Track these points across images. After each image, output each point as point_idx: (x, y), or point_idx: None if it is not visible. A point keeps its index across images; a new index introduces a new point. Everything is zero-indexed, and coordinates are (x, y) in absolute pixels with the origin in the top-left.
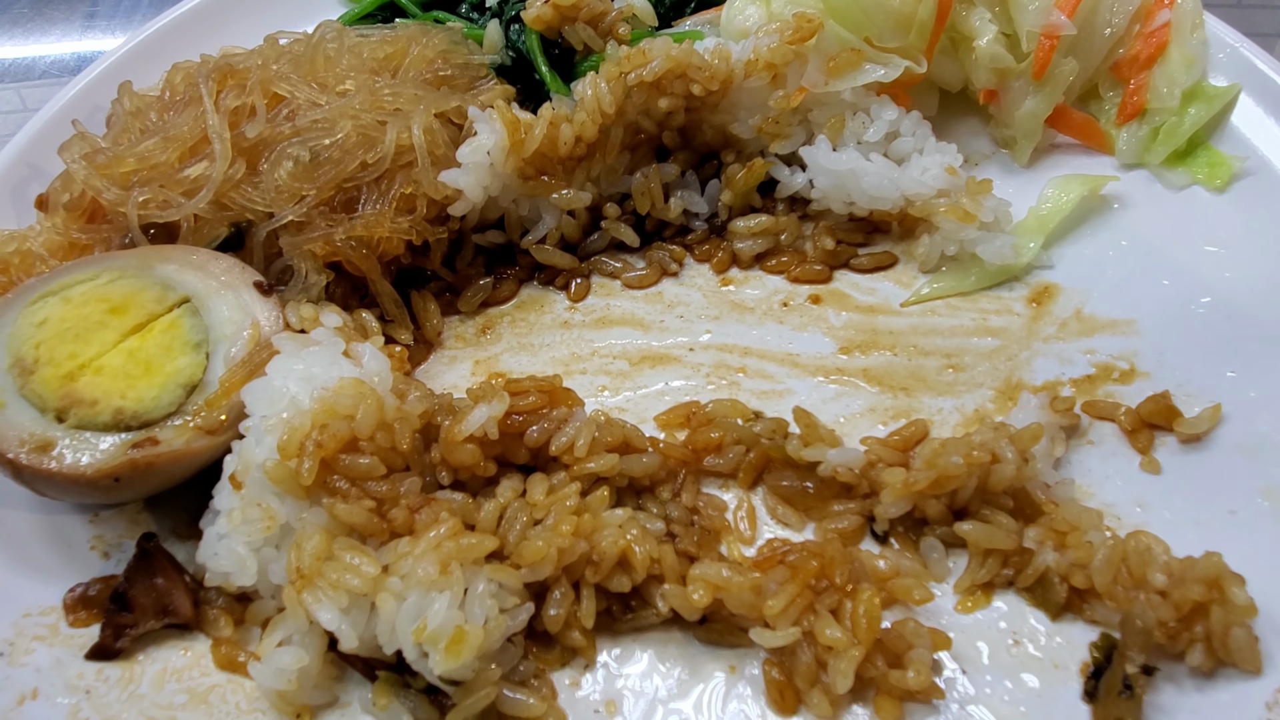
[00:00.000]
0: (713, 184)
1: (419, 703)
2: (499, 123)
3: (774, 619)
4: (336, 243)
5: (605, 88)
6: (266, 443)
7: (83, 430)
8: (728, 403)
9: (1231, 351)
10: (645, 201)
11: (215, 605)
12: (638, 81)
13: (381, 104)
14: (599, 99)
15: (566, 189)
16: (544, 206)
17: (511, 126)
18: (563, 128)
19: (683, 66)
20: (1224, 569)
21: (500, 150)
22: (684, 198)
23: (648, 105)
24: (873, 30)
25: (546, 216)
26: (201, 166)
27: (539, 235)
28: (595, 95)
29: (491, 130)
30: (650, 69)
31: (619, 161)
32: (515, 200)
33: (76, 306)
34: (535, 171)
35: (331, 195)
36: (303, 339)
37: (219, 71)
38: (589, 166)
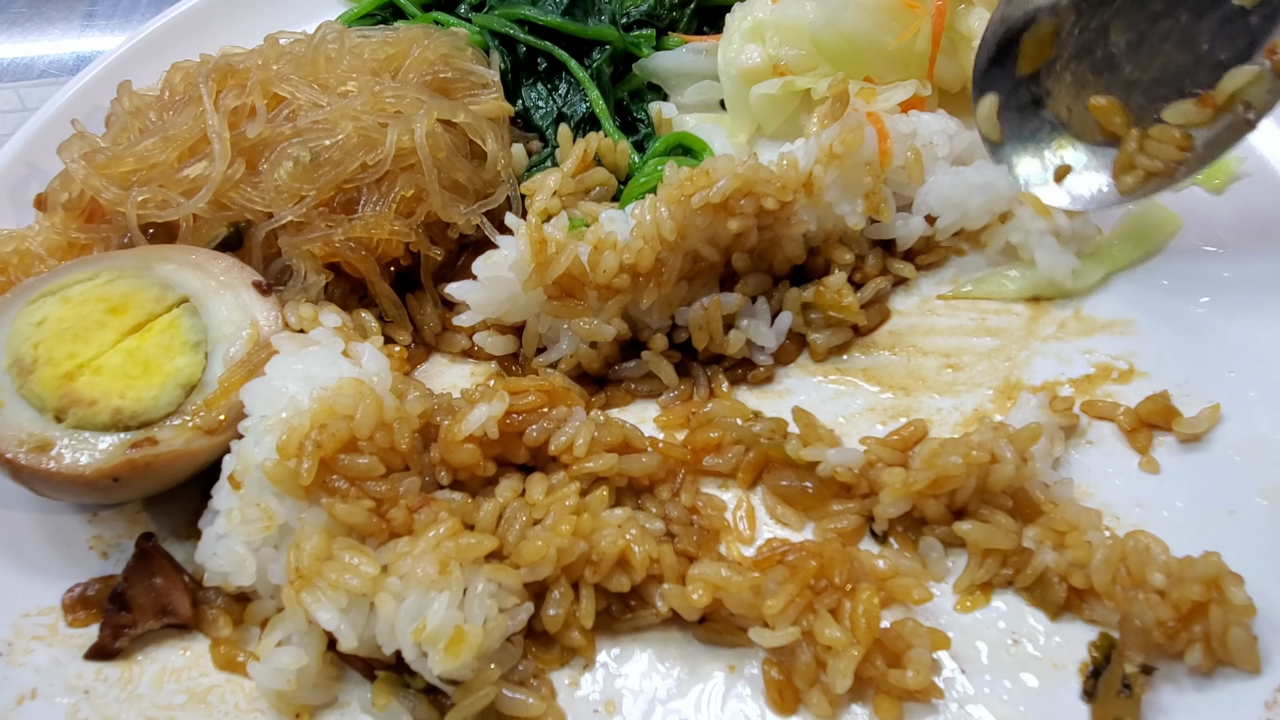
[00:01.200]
0: (784, 315)
1: (418, 702)
2: (524, 240)
3: (773, 619)
4: (336, 244)
5: (666, 212)
6: (265, 443)
7: (81, 430)
8: (727, 402)
9: (1230, 351)
10: (703, 336)
11: (214, 605)
12: (704, 204)
13: (383, 106)
14: (659, 224)
15: (593, 319)
16: (564, 329)
17: (537, 246)
18: (605, 255)
19: (751, 184)
20: (1223, 569)
21: (521, 269)
22: (749, 328)
23: (714, 229)
24: (870, 69)
25: (564, 341)
26: (201, 166)
27: (552, 359)
28: (655, 220)
29: (513, 247)
30: (718, 189)
31: (675, 293)
32: (536, 314)
33: (75, 306)
34: (561, 291)
35: (331, 196)
36: (302, 339)
37: (219, 71)
38: (626, 298)
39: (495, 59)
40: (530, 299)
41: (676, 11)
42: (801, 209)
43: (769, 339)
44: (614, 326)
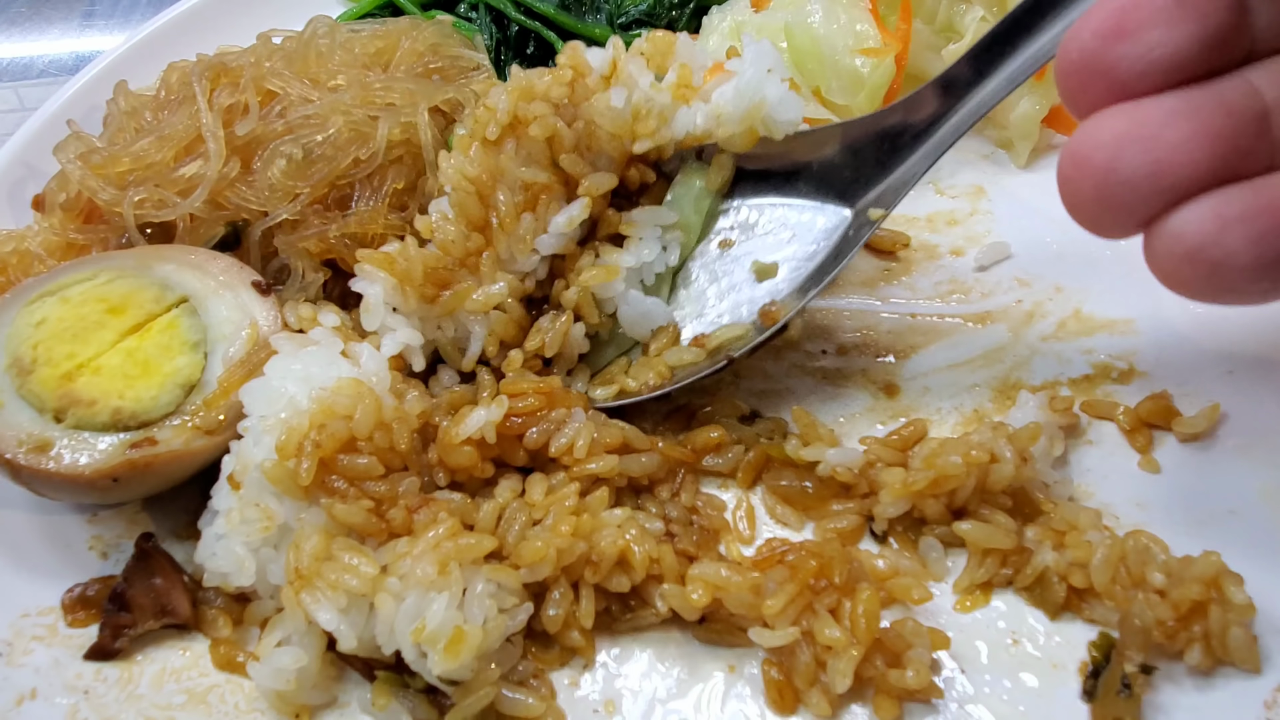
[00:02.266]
0: None
1: (418, 702)
2: (375, 271)
3: (773, 619)
4: (331, 240)
5: (468, 159)
6: (265, 443)
7: (81, 430)
8: (727, 402)
9: (1230, 351)
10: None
11: (214, 605)
12: (498, 132)
13: (373, 99)
14: (461, 170)
15: (478, 289)
16: (467, 321)
17: (386, 265)
18: (445, 228)
19: (530, 89)
20: (1222, 568)
21: (395, 293)
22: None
23: (526, 152)
24: (824, 83)
25: (475, 328)
26: (196, 165)
27: (476, 353)
28: (457, 169)
29: (371, 282)
30: (502, 110)
31: (522, 227)
32: (439, 327)
33: (75, 306)
34: (437, 290)
35: (325, 193)
36: (300, 339)
37: (212, 70)
38: (493, 254)
39: (480, 41)
40: (425, 313)
41: (675, 11)
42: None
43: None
44: (500, 279)
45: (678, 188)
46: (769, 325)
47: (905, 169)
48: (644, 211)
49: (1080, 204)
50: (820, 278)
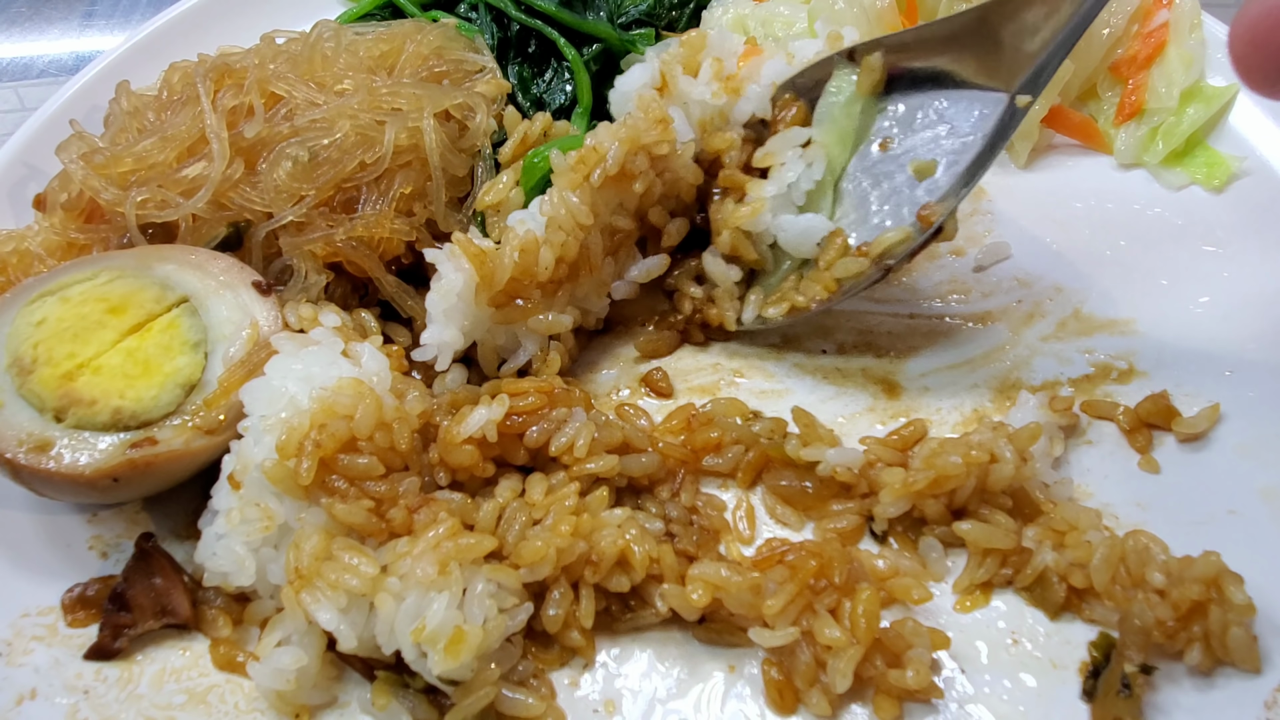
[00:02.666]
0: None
1: (418, 702)
2: (464, 259)
3: (773, 619)
4: (338, 243)
5: (574, 198)
6: (265, 442)
7: (81, 430)
8: (726, 402)
9: (1230, 351)
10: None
11: (214, 605)
12: (602, 179)
13: (379, 103)
14: (573, 212)
15: (546, 313)
16: (521, 334)
17: (478, 260)
18: (541, 252)
19: (637, 139)
20: (1222, 568)
21: (470, 289)
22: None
23: (620, 197)
24: None
25: (527, 343)
26: (200, 166)
27: (517, 364)
28: (568, 210)
29: (457, 269)
30: (612, 158)
31: (605, 272)
32: (489, 330)
33: (75, 306)
34: (508, 298)
35: (331, 196)
36: (301, 339)
37: (216, 71)
38: (572, 287)
39: (482, 42)
40: (481, 316)
41: (676, 11)
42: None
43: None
44: (569, 314)
45: (827, 97)
46: (927, 227)
47: (1049, 51)
48: (777, 139)
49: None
50: (976, 171)
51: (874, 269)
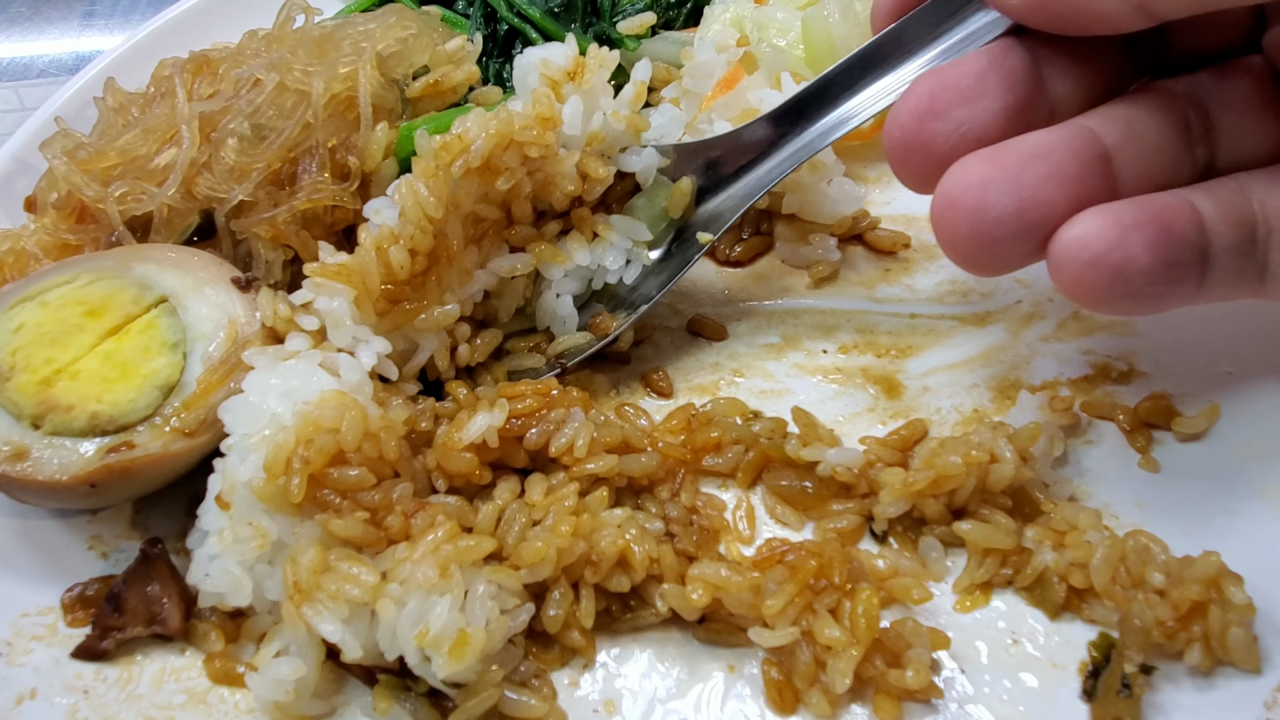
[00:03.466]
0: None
1: (420, 706)
2: (334, 284)
3: (773, 618)
4: (278, 225)
5: (425, 190)
6: (250, 461)
7: (59, 436)
8: (726, 402)
9: (1230, 351)
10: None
11: (207, 620)
12: (464, 171)
13: (313, 56)
14: (421, 205)
15: (431, 309)
16: (413, 334)
17: (343, 275)
18: (391, 251)
19: (508, 136)
20: (1222, 568)
21: (354, 307)
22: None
23: (484, 189)
24: None
25: (424, 342)
26: (170, 154)
27: (420, 362)
28: (417, 202)
29: (332, 295)
30: (475, 151)
31: (467, 259)
32: (387, 339)
33: (54, 310)
34: (388, 304)
35: (278, 169)
36: (277, 350)
37: (194, 63)
38: (438, 275)
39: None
40: (374, 328)
41: (673, 10)
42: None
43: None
44: (452, 304)
45: (643, 200)
46: (599, 335)
47: (727, 196)
48: (623, 220)
49: (956, 242)
50: (656, 290)
51: (546, 368)
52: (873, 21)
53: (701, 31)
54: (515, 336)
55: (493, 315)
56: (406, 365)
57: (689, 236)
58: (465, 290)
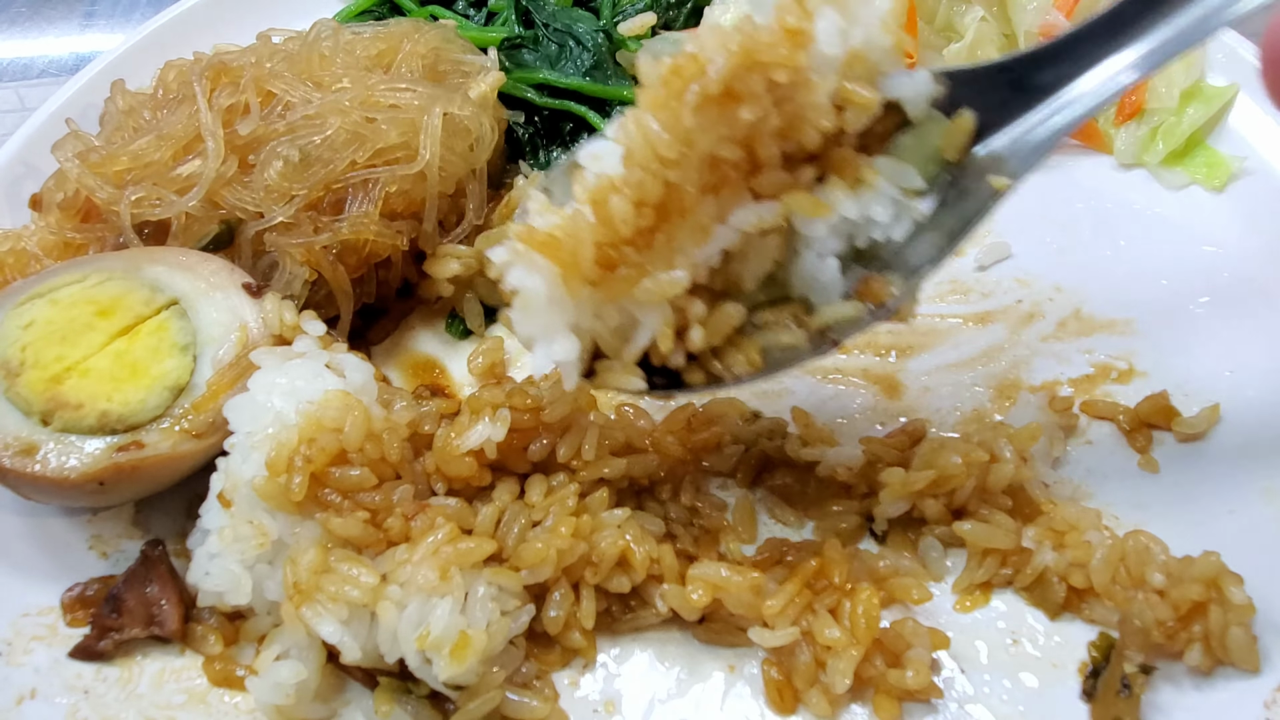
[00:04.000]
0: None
1: (421, 709)
2: (534, 255)
3: (773, 618)
4: (315, 252)
5: (654, 123)
6: (253, 460)
7: (68, 433)
8: (726, 402)
9: (1229, 351)
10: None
11: (205, 622)
12: (700, 99)
13: (375, 101)
14: (653, 143)
15: (654, 274)
16: (634, 309)
17: (549, 248)
18: (613, 202)
19: (753, 54)
20: (1222, 568)
21: (556, 284)
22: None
23: (725, 124)
24: None
25: (646, 319)
26: (195, 164)
27: (643, 343)
28: (646, 139)
29: (530, 269)
30: (714, 76)
31: (703, 213)
32: (597, 314)
33: (64, 309)
34: (604, 271)
35: (320, 197)
36: (283, 351)
37: (212, 69)
38: (669, 234)
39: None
40: (584, 304)
41: (673, 11)
42: (816, 64)
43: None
44: (680, 270)
45: (911, 139)
46: (870, 302)
47: (1021, 130)
48: (891, 163)
49: None
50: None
51: (811, 346)
52: None
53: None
54: (763, 307)
55: (733, 284)
56: (625, 348)
57: (968, 183)
58: (700, 250)
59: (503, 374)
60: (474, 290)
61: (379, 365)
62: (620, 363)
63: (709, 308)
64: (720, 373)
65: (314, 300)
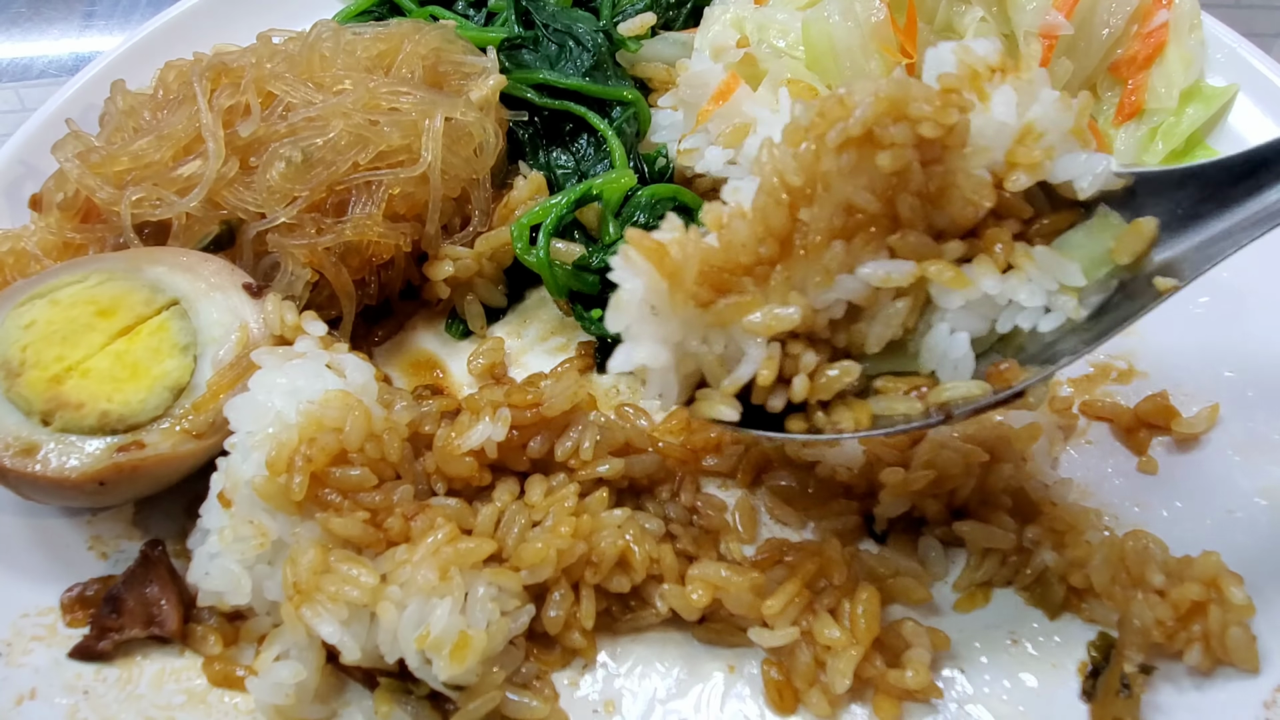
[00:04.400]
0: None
1: (421, 709)
2: (639, 258)
3: (773, 619)
4: (319, 253)
5: (787, 155)
6: (254, 459)
7: (68, 433)
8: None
9: (1229, 351)
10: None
11: (205, 623)
12: (841, 139)
13: (377, 103)
14: (780, 169)
15: (767, 307)
16: (739, 338)
17: (656, 256)
18: (735, 224)
19: (901, 104)
20: (1222, 568)
21: (659, 293)
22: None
23: (866, 172)
24: (839, 81)
25: (750, 350)
26: (195, 165)
27: (745, 375)
28: (775, 167)
29: (634, 274)
30: (857, 118)
31: (829, 257)
32: (704, 339)
33: (65, 309)
34: (714, 293)
35: (324, 198)
36: (284, 351)
37: (212, 70)
38: (788, 270)
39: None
40: (688, 321)
41: (673, 11)
42: (981, 130)
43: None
44: (794, 304)
45: (1081, 236)
46: (999, 386)
47: (1205, 237)
48: (1050, 254)
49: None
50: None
51: (924, 417)
52: None
53: (701, 32)
54: (891, 375)
55: (856, 343)
56: (727, 379)
57: (1135, 285)
58: (820, 295)
59: (503, 374)
60: (474, 291)
61: (380, 365)
62: (719, 392)
63: (822, 360)
64: (822, 426)
65: (316, 301)
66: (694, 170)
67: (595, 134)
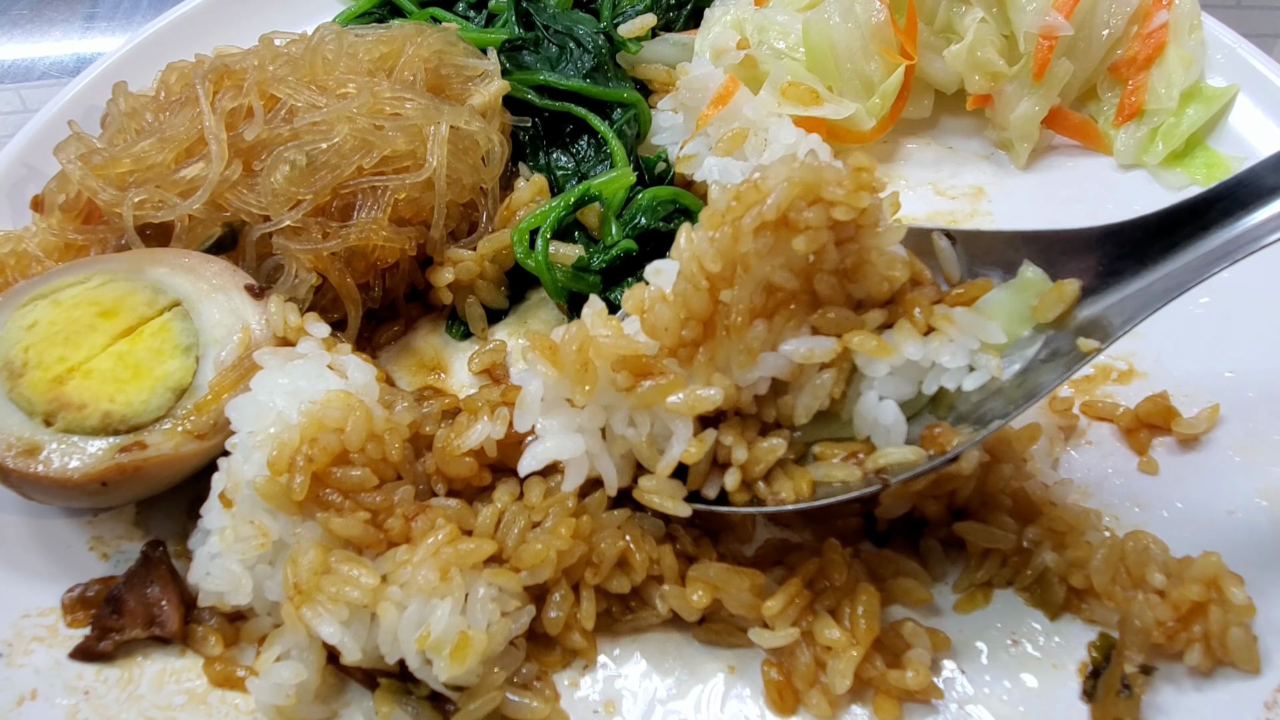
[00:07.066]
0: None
1: (421, 710)
2: (538, 360)
3: (773, 619)
4: (324, 256)
5: (705, 241)
6: (255, 459)
7: (70, 434)
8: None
9: (1229, 352)
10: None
11: (206, 623)
12: (757, 224)
13: (380, 108)
14: (698, 256)
15: (690, 388)
16: (667, 418)
17: (549, 354)
18: (657, 309)
19: (814, 188)
20: (1222, 569)
21: (554, 388)
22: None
23: (784, 252)
24: (837, 83)
25: (679, 428)
26: (198, 167)
27: (675, 456)
28: (694, 254)
29: (531, 374)
30: (771, 204)
31: (751, 336)
32: (631, 421)
33: (67, 310)
34: (634, 379)
35: (328, 201)
36: (286, 352)
37: (215, 72)
38: (711, 350)
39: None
40: (607, 409)
41: (673, 12)
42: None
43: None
44: (717, 387)
45: (1004, 294)
46: (934, 451)
47: (1124, 294)
48: (970, 315)
49: None
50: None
51: (863, 483)
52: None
53: (702, 34)
54: (829, 442)
55: (786, 415)
56: (660, 460)
57: (1060, 343)
58: (745, 373)
59: (503, 375)
60: (476, 293)
61: (385, 367)
62: (655, 475)
63: (757, 437)
64: (764, 496)
65: (319, 304)
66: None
67: (596, 136)
